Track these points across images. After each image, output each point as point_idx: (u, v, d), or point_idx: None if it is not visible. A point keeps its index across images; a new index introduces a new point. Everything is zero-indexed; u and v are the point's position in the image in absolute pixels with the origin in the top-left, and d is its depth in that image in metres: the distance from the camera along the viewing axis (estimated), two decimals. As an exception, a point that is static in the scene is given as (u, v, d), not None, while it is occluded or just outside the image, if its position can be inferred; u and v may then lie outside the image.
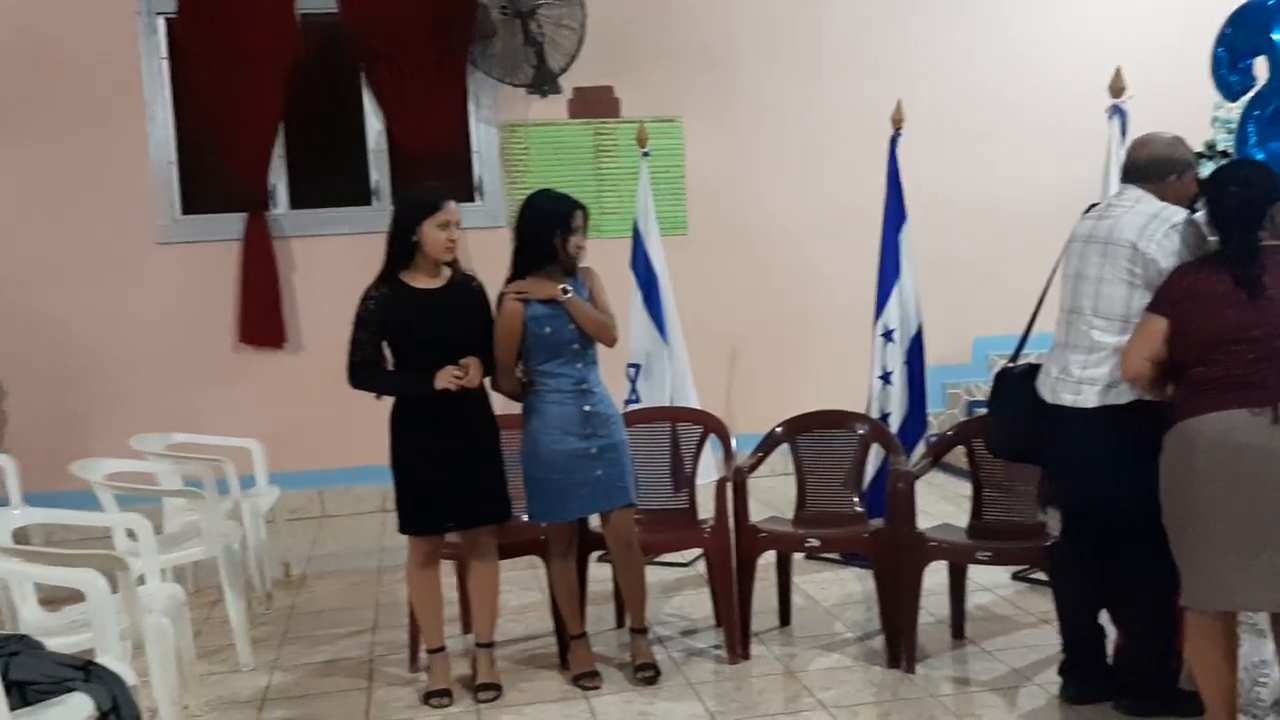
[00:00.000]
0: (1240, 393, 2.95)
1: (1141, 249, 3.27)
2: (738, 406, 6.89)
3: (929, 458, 4.38)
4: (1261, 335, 2.95)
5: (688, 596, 4.89)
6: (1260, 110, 3.59)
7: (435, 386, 3.64)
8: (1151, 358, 3.15)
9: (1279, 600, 2.96)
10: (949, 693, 3.78)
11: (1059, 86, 7.05)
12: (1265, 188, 3.07)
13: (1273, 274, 2.98)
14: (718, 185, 7.15)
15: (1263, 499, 2.92)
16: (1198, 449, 3.00)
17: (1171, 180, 3.40)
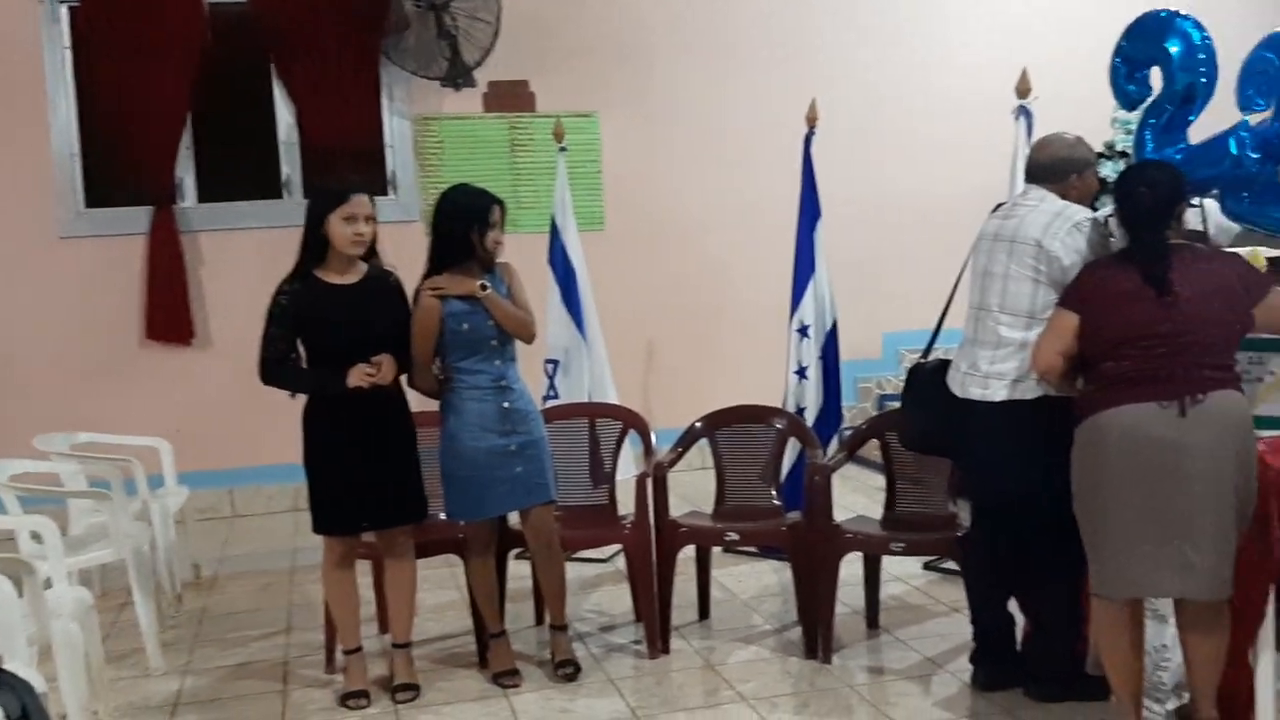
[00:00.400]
0: (1149, 386, 3.05)
1: (1046, 246, 3.37)
2: (656, 402, 6.91)
3: (844, 451, 4.45)
4: (1169, 331, 3.04)
5: (607, 592, 4.90)
6: (1156, 119, 3.71)
7: (347, 385, 3.60)
8: (1062, 352, 3.24)
9: (1189, 588, 3.06)
10: (865, 682, 3.85)
11: (968, 87, 7.19)
12: (1171, 189, 3.17)
13: (1179, 272, 3.08)
14: (635, 181, 7.16)
15: (1171, 489, 3.02)
16: (1109, 441, 3.10)
17: (1073, 180, 3.50)
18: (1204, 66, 3.65)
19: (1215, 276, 3.10)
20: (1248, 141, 3.49)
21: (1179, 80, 3.67)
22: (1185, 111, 3.71)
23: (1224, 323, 3.09)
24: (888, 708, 3.63)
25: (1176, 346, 3.03)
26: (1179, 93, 3.68)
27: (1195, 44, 3.65)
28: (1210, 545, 3.02)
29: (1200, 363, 3.04)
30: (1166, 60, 3.68)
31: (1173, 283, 3.06)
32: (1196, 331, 3.04)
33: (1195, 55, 3.64)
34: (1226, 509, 3.03)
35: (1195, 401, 3.00)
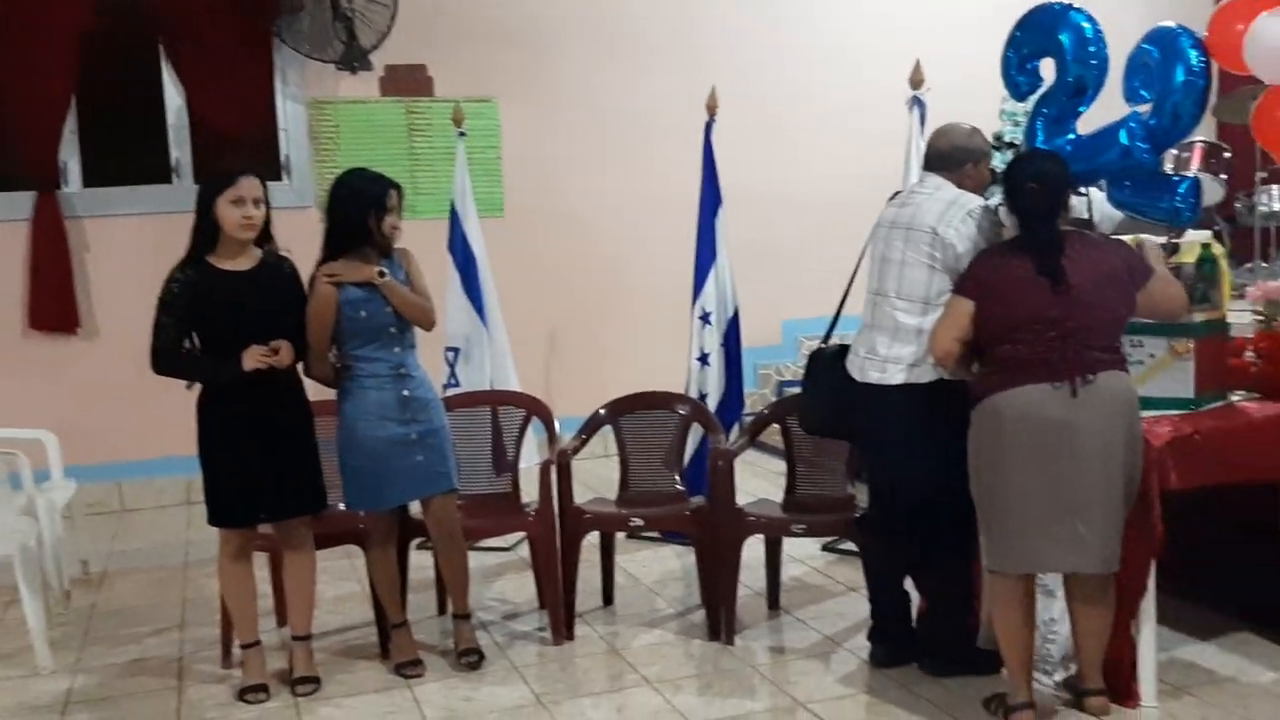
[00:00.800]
0: (1042, 369, 3.15)
1: (941, 234, 3.45)
2: (558, 389, 6.89)
3: (747, 436, 4.50)
4: (1059, 317, 3.14)
5: (510, 580, 4.89)
6: (1048, 109, 3.81)
7: (244, 368, 3.52)
8: (958, 338, 3.32)
9: (1081, 562, 3.17)
10: (766, 662, 3.91)
11: (865, 77, 7.29)
12: (1059, 180, 3.27)
13: (1070, 260, 3.18)
14: (535, 167, 7.12)
15: (1064, 467, 3.13)
16: (1005, 422, 3.19)
17: (968, 169, 3.59)
18: (1094, 59, 3.75)
19: (1103, 264, 3.20)
20: (1138, 132, 3.60)
21: (1071, 72, 3.76)
22: (1076, 103, 3.80)
23: (1111, 308, 3.21)
24: (788, 686, 3.69)
25: (1067, 331, 3.14)
26: (1070, 84, 3.77)
27: (1087, 36, 3.74)
28: (1101, 521, 3.14)
29: (1090, 345, 3.15)
30: (1059, 52, 3.77)
31: (1064, 271, 3.16)
32: (1086, 317, 3.15)
33: (1087, 47, 3.74)
34: (1116, 486, 3.16)
35: (1086, 382, 3.12)
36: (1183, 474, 3.27)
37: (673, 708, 3.56)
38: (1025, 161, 3.42)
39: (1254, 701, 3.39)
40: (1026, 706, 3.27)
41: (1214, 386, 3.54)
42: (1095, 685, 3.35)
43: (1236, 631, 3.85)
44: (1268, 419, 3.49)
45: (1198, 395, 3.46)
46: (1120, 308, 3.24)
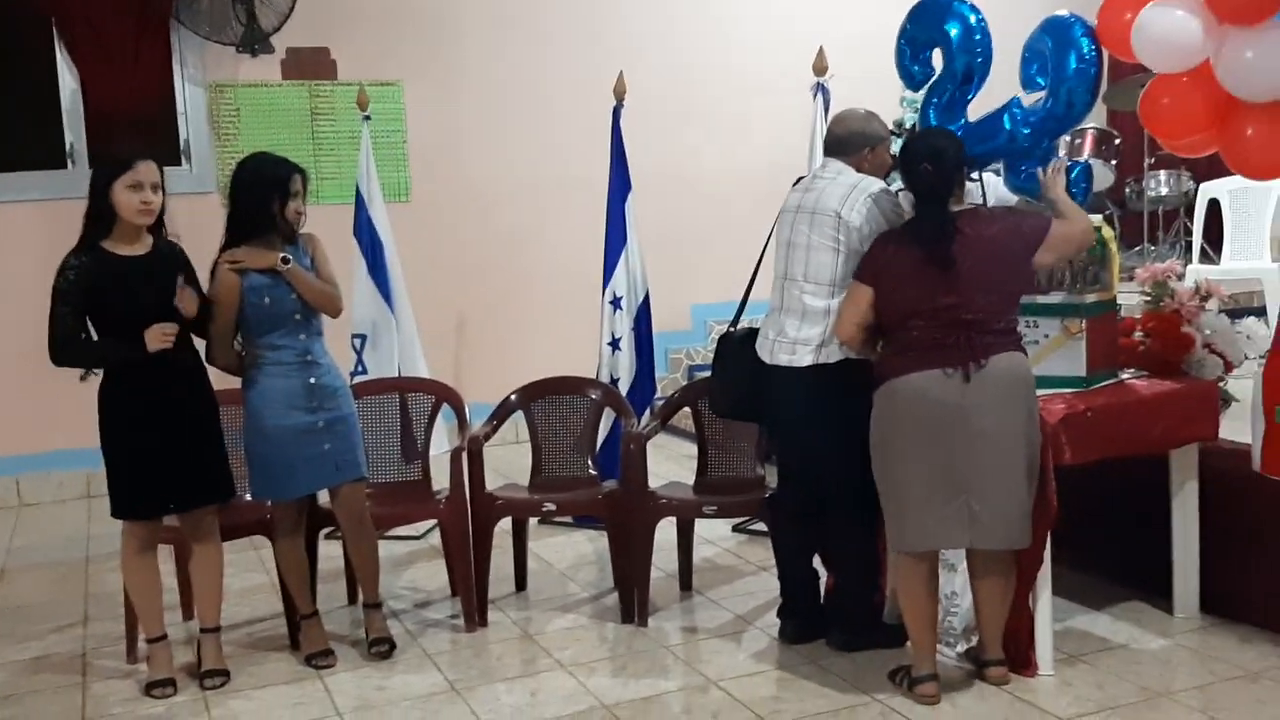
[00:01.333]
0: (935, 354, 3.23)
1: (845, 217, 3.51)
2: (469, 375, 6.87)
3: (658, 420, 4.54)
4: (952, 303, 3.22)
5: (422, 568, 4.86)
6: (938, 98, 3.88)
7: (149, 349, 3.43)
8: (860, 323, 3.39)
9: (977, 539, 3.27)
10: (679, 642, 3.95)
11: (770, 64, 7.36)
12: (954, 157, 3.34)
13: (961, 244, 3.25)
14: (442, 151, 7.06)
15: (957, 449, 3.22)
16: (899, 405, 3.28)
17: (866, 153, 3.66)
18: (980, 48, 3.83)
19: (994, 243, 3.27)
20: (1019, 118, 3.71)
21: (958, 60, 3.84)
22: (964, 90, 3.89)
23: (1003, 289, 3.29)
24: (701, 665, 3.74)
25: (960, 318, 3.22)
26: (958, 72, 3.86)
27: (972, 26, 3.82)
28: (996, 499, 3.23)
29: (983, 329, 3.23)
30: (946, 42, 3.85)
31: (954, 256, 3.23)
32: (978, 301, 3.23)
33: (972, 37, 3.82)
34: (1015, 465, 3.24)
35: (978, 367, 3.20)
36: (1076, 450, 3.38)
37: (586, 690, 3.58)
38: (919, 140, 3.48)
39: (1145, 667, 3.53)
40: (930, 678, 3.37)
41: (1105, 365, 3.67)
42: (995, 656, 3.46)
43: (1129, 600, 4.01)
44: (1155, 395, 3.63)
45: (1090, 374, 3.58)
46: (1014, 285, 3.32)
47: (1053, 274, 3.67)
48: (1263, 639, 3.64)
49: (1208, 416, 3.71)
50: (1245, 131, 3.41)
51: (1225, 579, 3.79)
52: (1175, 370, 3.76)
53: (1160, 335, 3.78)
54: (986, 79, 3.84)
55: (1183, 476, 3.77)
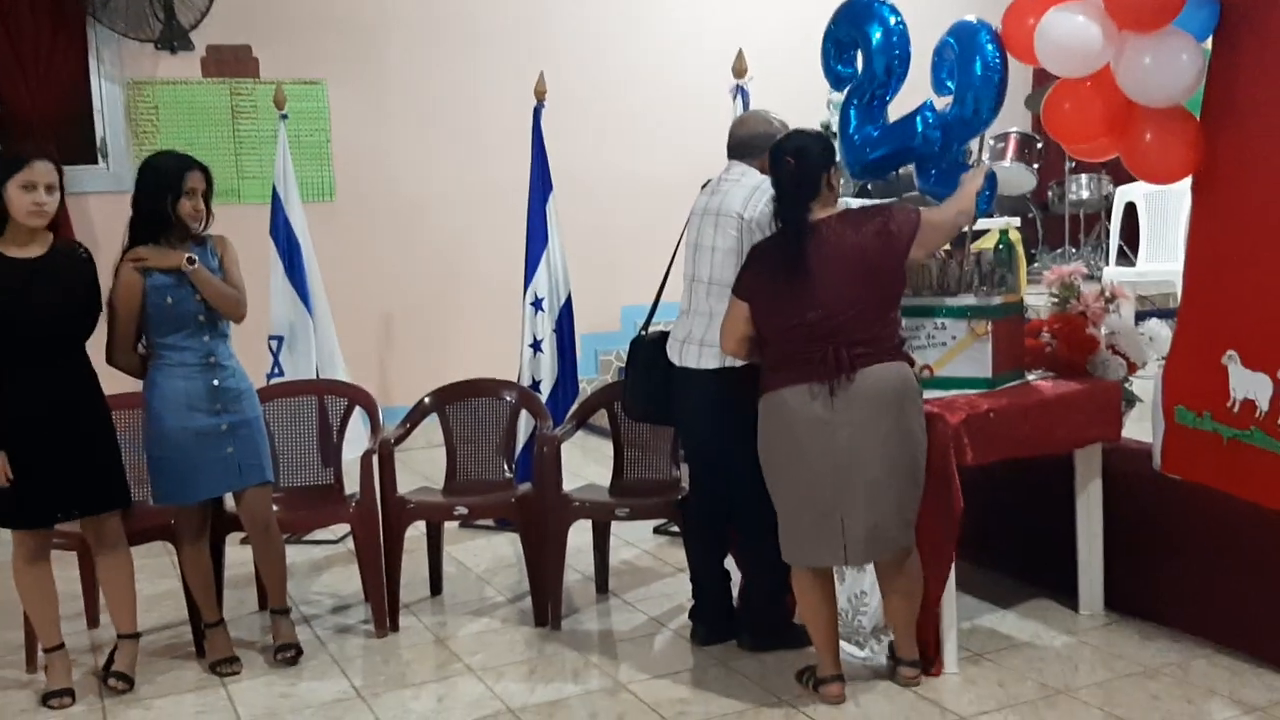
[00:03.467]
0: (802, 370, 3.21)
1: (748, 219, 3.52)
2: (391, 378, 6.81)
3: (574, 421, 4.52)
4: (816, 319, 3.19)
5: (336, 573, 4.80)
6: (858, 99, 3.90)
7: None
8: (741, 337, 3.39)
9: (852, 556, 3.26)
10: (593, 646, 3.93)
11: (693, 65, 7.39)
12: (818, 156, 3.30)
13: (822, 254, 3.20)
14: (366, 151, 7.00)
15: (826, 466, 3.21)
16: (774, 420, 3.28)
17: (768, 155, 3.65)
18: (898, 50, 3.86)
19: (863, 250, 3.21)
20: (931, 121, 3.74)
21: (877, 62, 3.87)
22: (884, 92, 3.92)
23: (871, 298, 3.23)
24: (611, 668, 3.72)
25: (825, 331, 3.19)
26: (878, 74, 3.89)
27: (891, 28, 3.85)
28: (868, 515, 3.20)
29: (852, 341, 3.18)
30: (867, 43, 3.88)
31: (816, 266, 3.19)
32: (843, 314, 3.19)
33: (891, 39, 3.85)
34: (885, 479, 3.20)
35: (846, 382, 3.17)
36: (978, 450, 3.40)
37: (494, 695, 3.55)
38: (786, 140, 3.41)
39: (1048, 664, 3.56)
40: (835, 679, 3.38)
41: (1011, 366, 3.71)
42: (908, 657, 3.47)
43: (1035, 598, 4.05)
44: (1060, 396, 3.67)
45: (995, 375, 3.61)
46: (886, 291, 3.26)
47: (961, 277, 3.70)
48: (1163, 636, 3.70)
49: (1111, 417, 3.75)
50: (1144, 136, 3.46)
51: (1128, 577, 3.84)
52: (1080, 371, 3.81)
53: (1065, 337, 3.83)
54: (904, 80, 3.87)
55: (1087, 476, 3.81)
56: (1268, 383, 3.22)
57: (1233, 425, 3.31)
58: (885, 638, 3.64)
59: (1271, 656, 3.43)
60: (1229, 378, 3.33)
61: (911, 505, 3.29)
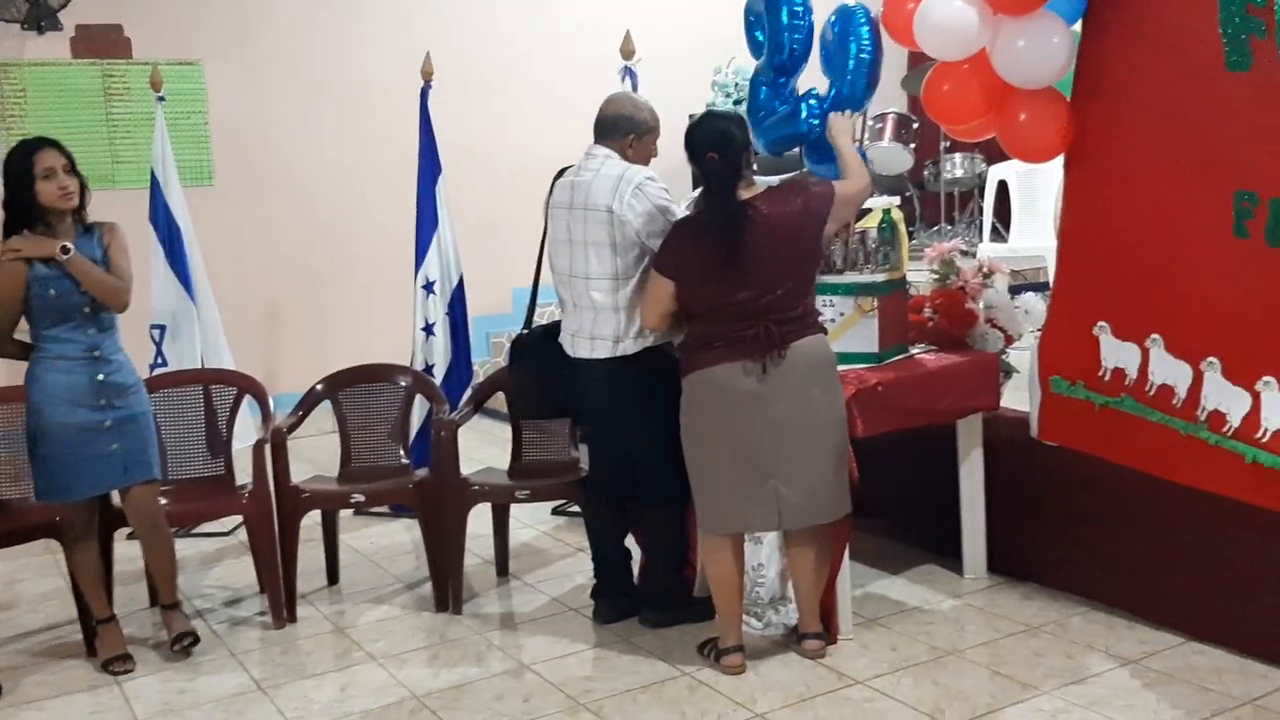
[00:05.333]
0: (734, 347, 3.28)
1: (616, 212, 3.53)
2: (280, 365, 6.69)
3: (470, 405, 4.51)
4: (747, 298, 3.27)
5: (230, 566, 4.72)
6: (765, 78, 3.95)
7: None
8: (664, 313, 3.43)
9: (784, 520, 3.36)
10: (494, 628, 3.95)
11: (583, 46, 7.37)
12: (740, 140, 3.35)
13: (751, 234, 3.26)
14: (247, 133, 6.84)
15: (761, 436, 3.30)
16: (704, 397, 3.34)
17: (631, 140, 3.66)
18: (799, 33, 3.93)
19: (789, 228, 3.31)
20: (814, 110, 3.83)
21: (785, 44, 3.94)
22: (786, 73, 3.99)
23: (798, 273, 3.34)
24: (515, 650, 3.75)
25: (756, 310, 3.26)
26: (782, 56, 3.96)
27: (795, 9, 3.92)
28: (802, 480, 3.32)
29: (781, 319, 3.28)
30: (776, 25, 3.94)
31: (748, 248, 3.25)
32: (772, 292, 3.27)
33: (794, 21, 3.92)
34: (817, 445, 3.33)
35: (779, 358, 3.26)
36: (868, 422, 3.52)
37: (398, 681, 3.55)
38: (702, 125, 3.43)
39: (937, 627, 3.71)
40: (736, 649, 3.46)
41: (896, 341, 3.83)
42: (812, 629, 3.55)
43: (924, 564, 4.20)
44: (943, 368, 3.81)
45: (881, 350, 3.72)
46: (809, 268, 3.39)
47: (847, 254, 3.81)
48: (1043, 595, 3.88)
49: (990, 388, 3.91)
50: (1019, 117, 3.59)
51: (1009, 540, 4.01)
52: (960, 344, 3.95)
53: (946, 311, 3.96)
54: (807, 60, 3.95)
55: (969, 445, 3.97)
56: (1136, 351, 3.39)
57: (1104, 393, 3.49)
58: (783, 608, 3.74)
59: (1143, 611, 3.63)
60: (1100, 348, 3.50)
61: (844, 469, 3.40)
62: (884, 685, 3.33)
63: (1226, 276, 3.13)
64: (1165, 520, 3.54)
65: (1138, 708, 3.11)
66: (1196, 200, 3.18)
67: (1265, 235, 3.01)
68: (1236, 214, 3.07)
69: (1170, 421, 3.28)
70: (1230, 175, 3.09)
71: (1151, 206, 3.33)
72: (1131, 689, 3.22)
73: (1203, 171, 3.16)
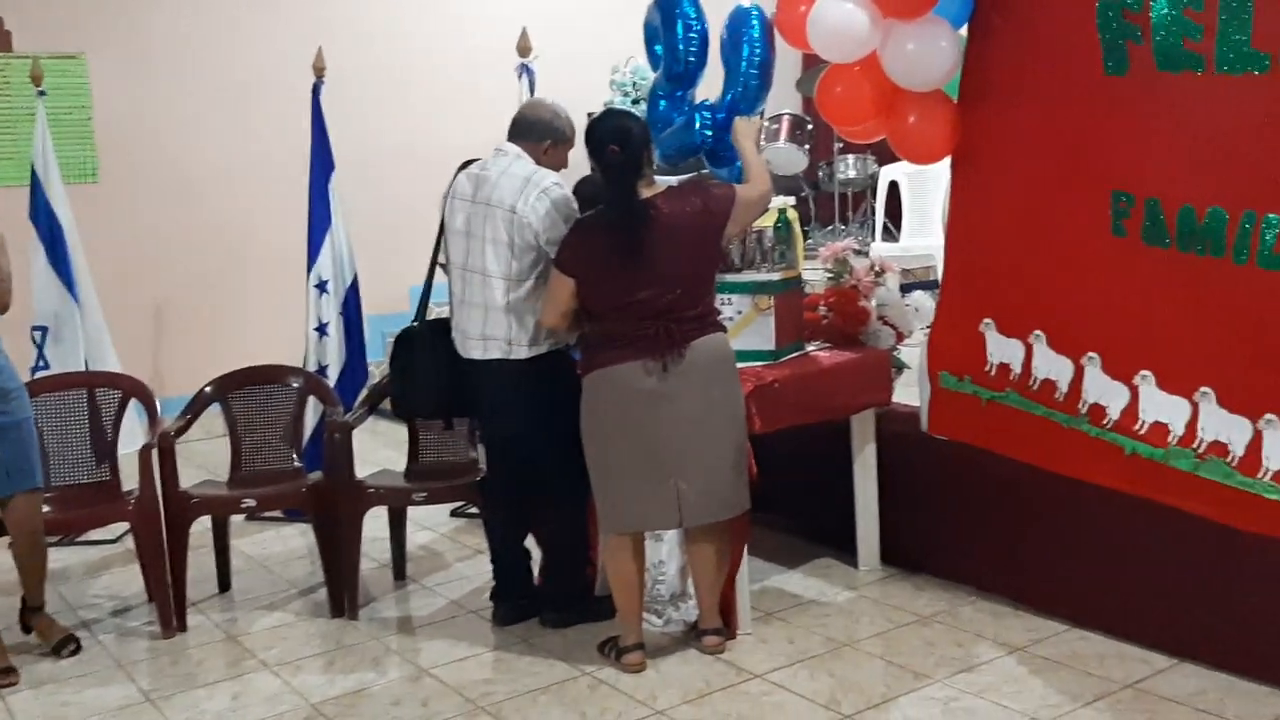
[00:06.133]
0: (635, 347, 3.29)
1: (520, 212, 3.51)
2: (168, 367, 6.52)
3: (365, 406, 4.44)
4: (648, 297, 3.27)
5: (116, 574, 4.58)
6: (664, 91, 3.95)
7: None
8: (564, 312, 3.41)
9: (686, 518, 3.37)
10: (391, 633, 3.90)
11: (481, 42, 7.32)
12: (640, 137, 3.36)
13: (652, 231, 3.27)
14: (134, 129, 6.64)
15: (662, 435, 3.31)
16: (604, 396, 3.34)
17: (546, 145, 3.66)
18: (694, 45, 3.95)
19: (688, 229, 3.32)
20: (707, 119, 3.87)
21: (681, 56, 3.95)
22: (683, 84, 4.01)
23: (698, 273, 3.36)
24: (413, 655, 3.71)
25: (657, 310, 3.27)
26: (679, 68, 3.98)
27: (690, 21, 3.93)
28: (704, 478, 3.34)
29: (681, 318, 3.30)
30: (672, 38, 3.95)
31: (648, 246, 3.25)
32: (674, 291, 3.29)
33: (689, 34, 3.94)
34: (718, 443, 3.36)
35: (679, 357, 3.28)
36: (766, 419, 3.56)
37: (292, 689, 3.48)
38: (603, 121, 3.45)
39: (832, 619, 3.77)
40: (636, 647, 3.47)
41: (792, 338, 3.88)
42: (712, 625, 3.58)
43: (820, 557, 4.27)
44: (837, 365, 3.87)
45: (778, 347, 3.77)
46: (709, 267, 3.42)
47: (744, 253, 3.85)
48: (935, 586, 3.97)
49: (882, 383, 3.99)
50: (909, 119, 3.67)
51: (902, 532, 4.10)
52: (854, 341, 4.02)
53: (840, 309, 4.03)
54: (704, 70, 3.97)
55: (862, 440, 4.04)
56: (1020, 347, 3.49)
57: (990, 388, 3.58)
58: (683, 604, 3.76)
59: (1029, 599, 3.74)
60: (986, 344, 3.59)
61: (744, 466, 3.42)
62: (781, 678, 3.37)
63: (1105, 274, 3.24)
64: (1048, 511, 3.65)
65: (1025, 694, 3.20)
66: (1076, 201, 3.28)
67: (1141, 234, 3.12)
68: (1114, 214, 3.18)
69: (1053, 415, 3.39)
70: (1108, 176, 3.20)
71: (1034, 207, 3.43)
72: (1019, 676, 3.31)
73: (1082, 173, 3.27)
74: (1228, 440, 2.95)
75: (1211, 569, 3.24)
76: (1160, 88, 3.03)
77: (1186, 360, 3.06)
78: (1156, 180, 3.07)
